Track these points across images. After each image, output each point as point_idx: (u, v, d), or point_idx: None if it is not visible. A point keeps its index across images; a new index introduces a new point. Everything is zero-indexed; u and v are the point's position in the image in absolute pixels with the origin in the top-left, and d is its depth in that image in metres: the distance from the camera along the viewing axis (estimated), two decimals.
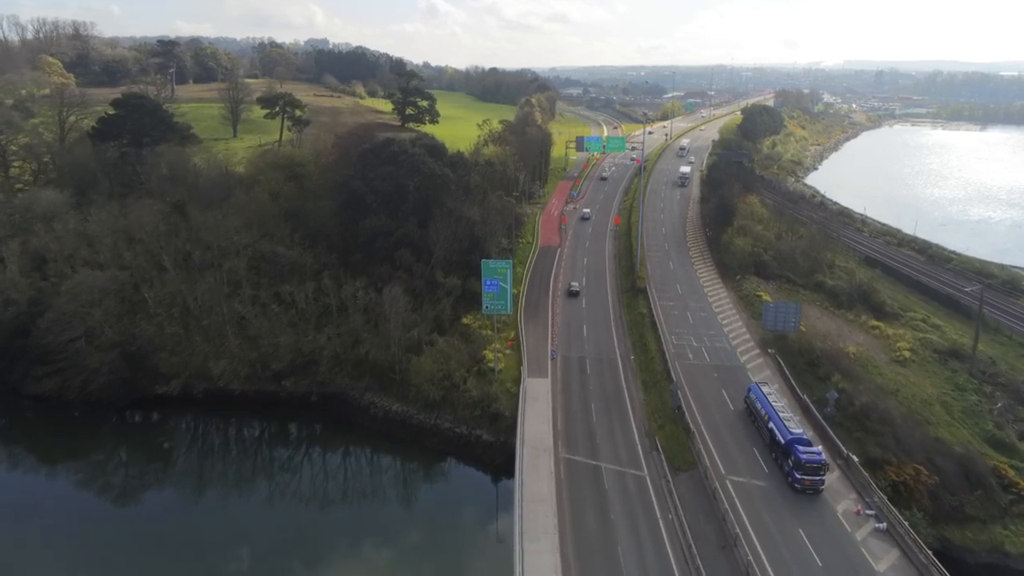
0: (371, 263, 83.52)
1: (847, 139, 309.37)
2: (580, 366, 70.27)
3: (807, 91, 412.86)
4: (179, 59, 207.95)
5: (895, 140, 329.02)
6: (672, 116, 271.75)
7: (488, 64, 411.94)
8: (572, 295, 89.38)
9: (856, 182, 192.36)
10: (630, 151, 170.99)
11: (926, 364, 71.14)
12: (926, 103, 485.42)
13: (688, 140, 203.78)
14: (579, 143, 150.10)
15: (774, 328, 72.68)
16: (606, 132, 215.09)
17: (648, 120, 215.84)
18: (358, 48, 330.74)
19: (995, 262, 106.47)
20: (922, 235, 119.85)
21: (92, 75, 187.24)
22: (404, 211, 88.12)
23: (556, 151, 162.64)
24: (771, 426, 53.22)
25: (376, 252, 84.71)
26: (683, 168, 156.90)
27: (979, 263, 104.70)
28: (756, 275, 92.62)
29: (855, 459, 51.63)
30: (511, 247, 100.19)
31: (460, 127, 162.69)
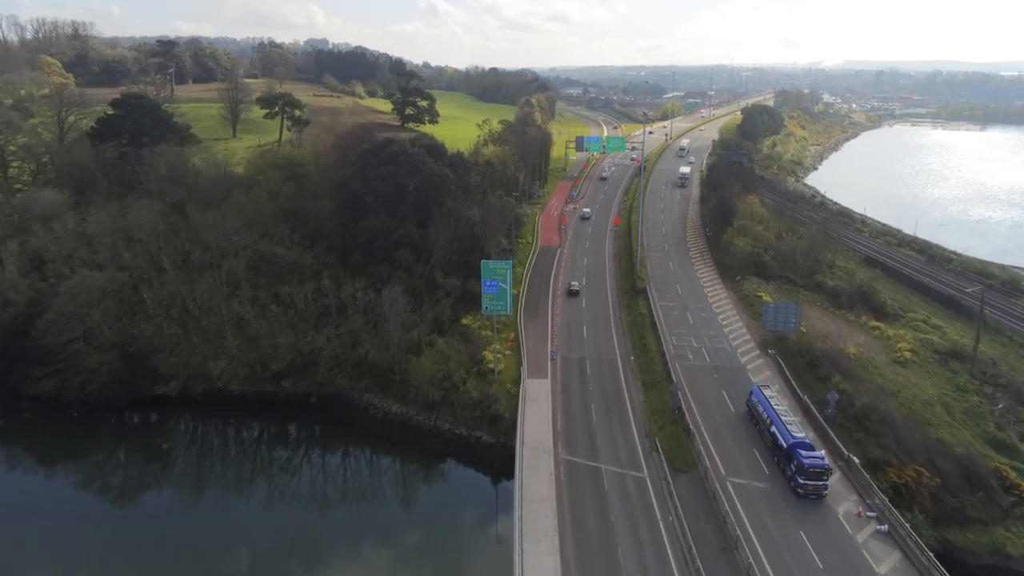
0: (371, 263, 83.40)
1: (847, 139, 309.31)
2: (580, 367, 70.08)
3: (807, 91, 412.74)
4: (178, 59, 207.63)
5: (895, 140, 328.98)
6: (672, 116, 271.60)
7: (488, 64, 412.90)
8: (572, 294, 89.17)
9: (856, 182, 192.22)
10: (630, 151, 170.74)
11: (927, 365, 70.94)
12: (926, 103, 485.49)
13: (688, 140, 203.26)
14: (579, 143, 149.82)
15: (774, 329, 72.48)
16: (606, 132, 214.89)
17: (648, 120, 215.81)
18: (358, 48, 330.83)
19: (996, 262, 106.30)
20: (922, 235, 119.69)
21: (91, 75, 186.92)
22: (404, 211, 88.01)
23: (556, 151, 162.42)
24: (773, 430, 52.79)
25: (376, 252, 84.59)
26: (683, 168, 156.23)
27: (979, 263, 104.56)
28: (756, 275, 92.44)
29: (856, 460, 51.43)
30: (511, 247, 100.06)
31: (460, 127, 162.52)
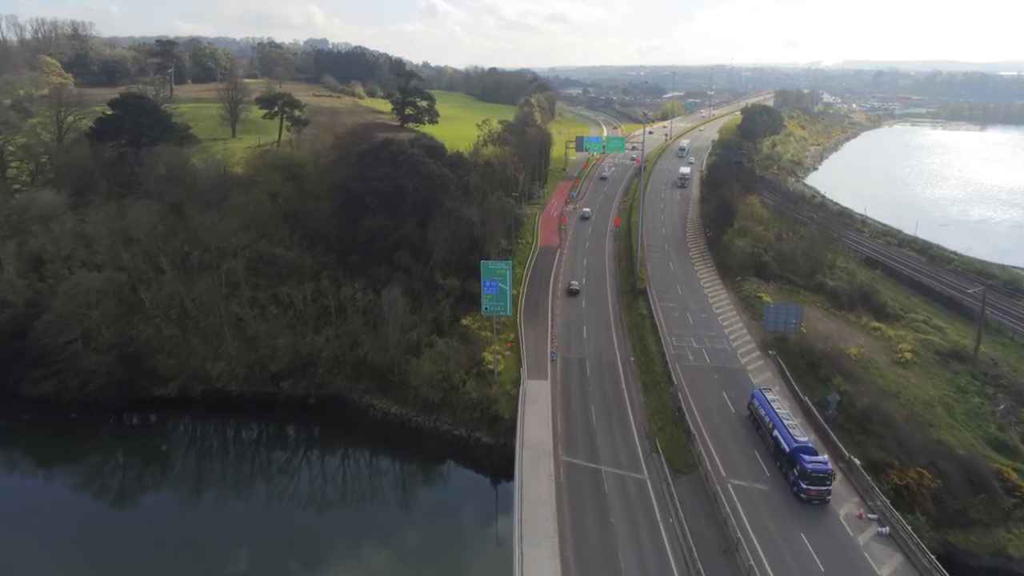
0: (370, 264, 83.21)
1: (847, 139, 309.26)
2: (580, 368, 69.85)
3: (807, 91, 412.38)
4: (178, 59, 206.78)
5: (895, 140, 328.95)
6: (672, 116, 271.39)
7: (487, 64, 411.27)
8: (572, 293, 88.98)
9: (856, 182, 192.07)
10: (630, 151, 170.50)
11: (928, 366, 70.73)
12: (926, 103, 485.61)
13: (688, 140, 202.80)
14: (579, 143, 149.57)
15: (775, 329, 72.28)
16: (606, 132, 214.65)
17: (648, 120, 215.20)
18: (357, 48, 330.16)
19: (996, 263, 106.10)
20: (923, 235, 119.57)
21: (91, 75, 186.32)
22: (403, 212, 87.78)
23: (556, 151, 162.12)
24: (775, 434, 52.15)
25: (375, 253, 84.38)
26: (683, 169, 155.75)
27: (980, 264, 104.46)
28: (756, 276, 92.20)
29: (857, 462, 51.23)
30: (510, 248, 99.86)
31: (459, 127, 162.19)
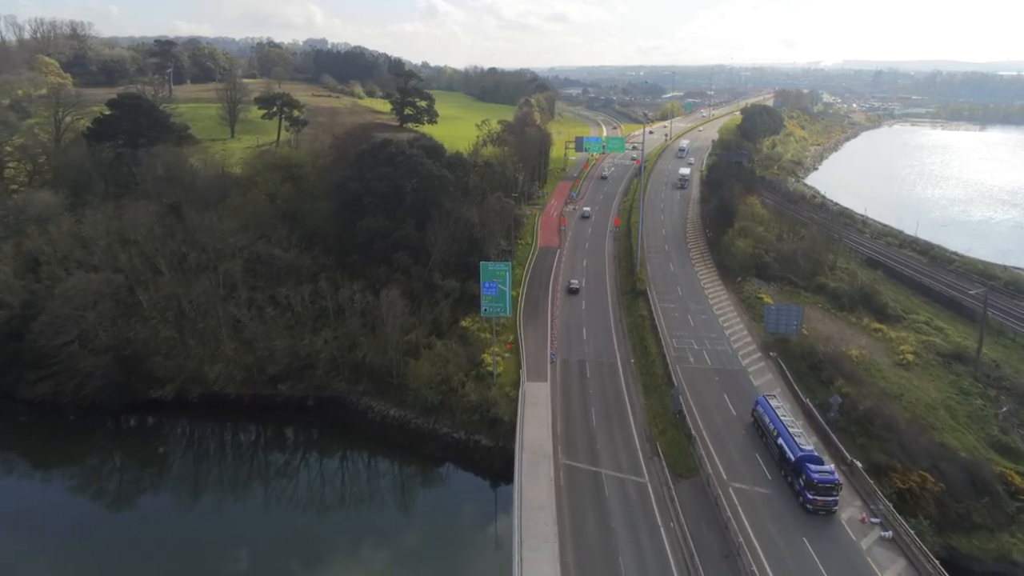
0: (369, 265, 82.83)
1: (847, 139, 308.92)
2: (580, 370, 69.42)
3: (806, 91, 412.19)
4: (177, 59, 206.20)
5: (895, 140, 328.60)
6: (671, 116, 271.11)
7: (487, 64, 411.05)
8: (572, 292, 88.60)
9: (856, 182, 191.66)
10: (630, 151, 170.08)
11: (930, 367, 70.32)
12: (925, 103, 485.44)
13: (688, 141, 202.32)
14: (578, 143, 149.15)
15: (776, 331, 71.88)
16: (605, 132, 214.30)
17: (648, 120, 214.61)
18: (357, 48, 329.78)
19: (998, 263, 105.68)
20: (923, 236, 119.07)
21: (90, 75, 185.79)
22: (402, 212, 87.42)
23: (555, 151, 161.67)
24: (780, 442, 51.16)
25: (374, 254, 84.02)
26: (683, 170, 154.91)
27: (981, 264, 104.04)
28: (757, 277, 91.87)
29: (859, 465, 50.79)
30: (510, 248, 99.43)
31: (459, 127, 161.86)
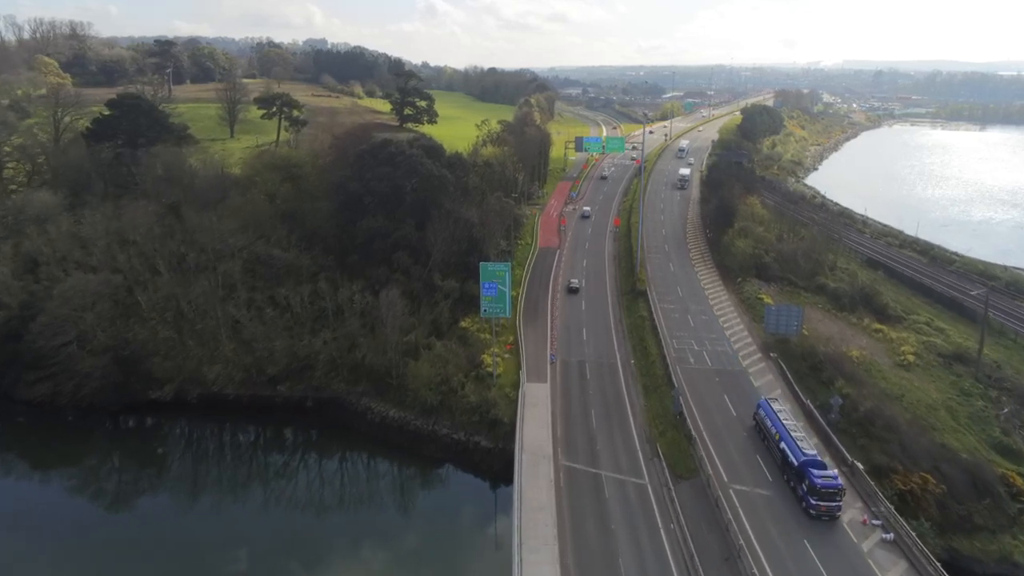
0: (368, 265, 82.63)
1: (847, 139, 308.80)
2: (580, 370, 69.24)
3: (806, 91, 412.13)
4: (176, 59, 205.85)
5: (895, 140, 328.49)
6: (671, 116, 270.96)
7: (487, 64, 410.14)
8: (572, 291, 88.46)
9: (856, 182, 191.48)
10: (630, 151, 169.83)
11: (930, 368, 70.13)
12: (925, 103, 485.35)
13: (687, 141, 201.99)
14: (578, 143, 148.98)
15: (776, 331, 71.72)
16: (605, 132, 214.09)
17: (648, 120, 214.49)
18: (356, 48, 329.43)
19: (998, 264, 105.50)
20: (924, 236, 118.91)
21: (89, 75, 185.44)
22: (401, 213, 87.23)
23: (555, 151, 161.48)
24: (782, 446, 50.70)
25: (373, 254, 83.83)
26: (683, 170, 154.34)
27: (982, 265, 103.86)
28: (757, 277, 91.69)
29: (860, 467, 50.59)
30: (510, 249, 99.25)
31: (459, 127, 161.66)
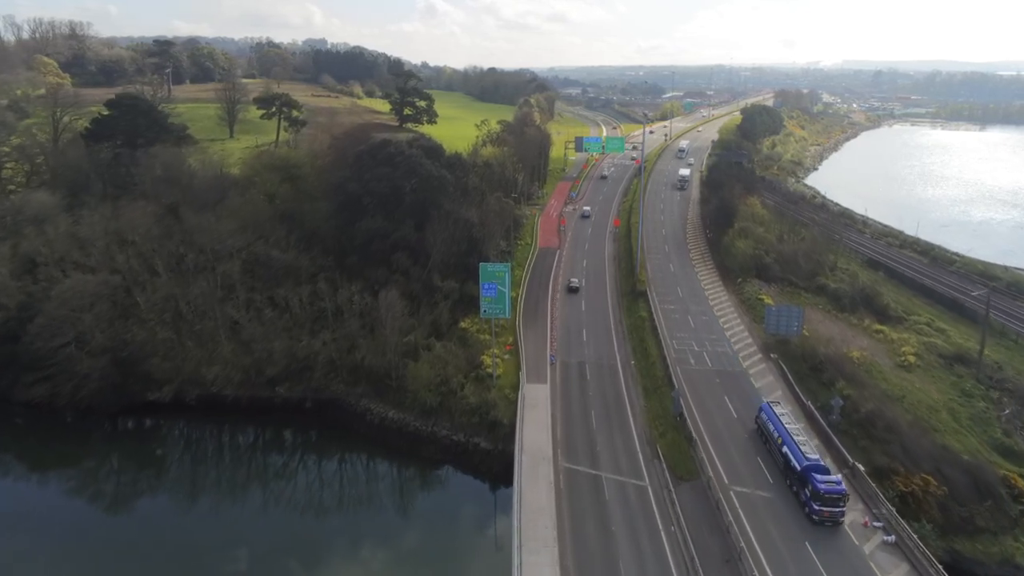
0: (367, 266, 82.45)
1: (847, 139, 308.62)
2: (580, 371, 69.02)
3: (806, 91, 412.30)
4: (175, 59, 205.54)
5: (895, 140, 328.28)
6: (671, 116, 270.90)
7: (486, 64, 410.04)
8: (572, 291, 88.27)
9: (857, 182, 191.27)
10: (630, 151, 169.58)
11: (931, 369, 69.86)
12: (925, 103, 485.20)
13: (687, 141, 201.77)
14: (578, 143, 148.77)
15: (776, 332, 71.51)
16: (605, 132, 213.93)
17: (648, 120, 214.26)
18: (356, 48, 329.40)
19: (999, 264, 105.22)
20: (924, 236, 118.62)
21: (88, 75, 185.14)
22: (401, 213, 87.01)
23: (555, 151, 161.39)
24: (785, 450, 50.23)
25: (372, 255, 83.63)
26: (682, 171, 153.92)
27: (983, 265, 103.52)
28: (757, 278, 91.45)
29: (861, 468, 50.36)
30: (509, 249, 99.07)
31: (458, 127, 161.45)
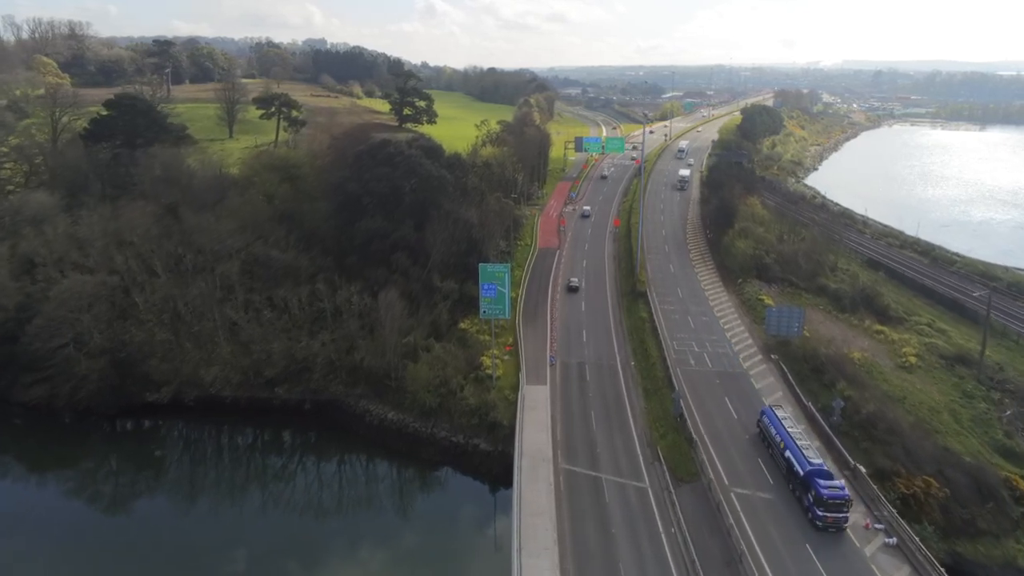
0: (367, 266, 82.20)
1: (847, 139, 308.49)
2: (580, 372, 68.80)
3: (806, 91, 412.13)
4: (175, 59, 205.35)
5: (895, 140, 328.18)
6: (671, 116, 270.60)
7: (486, 64, 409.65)
8: (571, 290, 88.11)
9: (856, 182, 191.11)
10: (630, 151, 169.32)
11: (932, 370, 69.62)
12: (925, 103, 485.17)
13: (687, 141, 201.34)
14: (578, 144, 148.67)
15: (777, 333, 71.29)
16: (605, 132, 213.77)
17: (648, 120, 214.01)
18: (356, 48, 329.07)
19: (999, 264, 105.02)
20: (924, 236, 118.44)
21: (88, 75, 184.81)
22: (400, 213, 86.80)
23: (555, 152, 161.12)
24: (788, 455, 49.54)
25: (372, 255, 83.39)
26: (682, 171, 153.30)
27: (983, 265, 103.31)
28: (758, 278, 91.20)
29: (863, 470, 50.12)
30: (509, 249, 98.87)
31: (458, 127, 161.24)
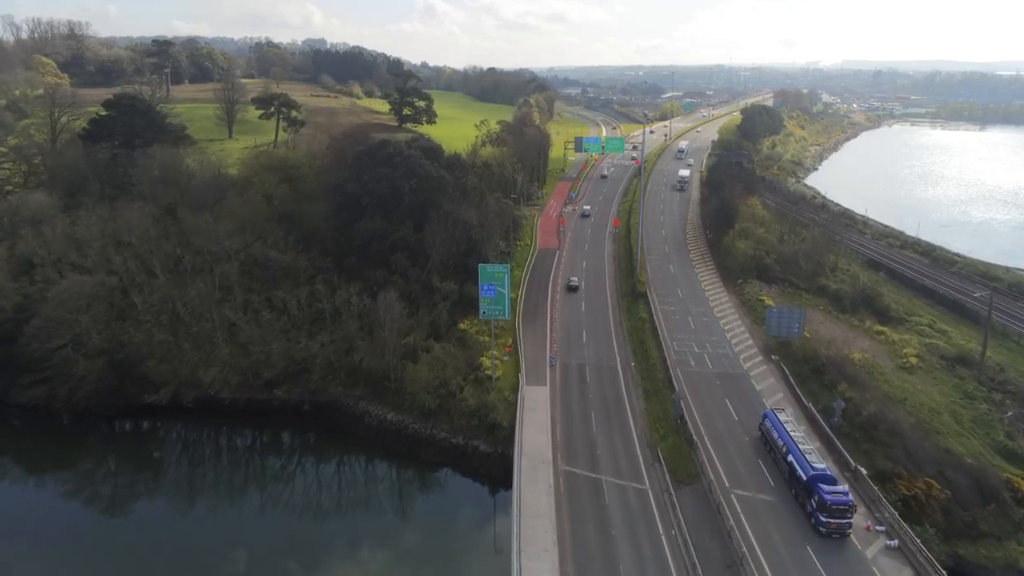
0: (366, 267, 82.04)
1: (847, 139, 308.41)
2: (579, 373, 68.60)
3: (806, 91, 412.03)
4: (174, 59, 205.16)
5: (895, 140, 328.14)
6: (671, 116, 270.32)
7: (486, 64, 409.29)
8: (571, 290, 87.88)
9: (856, 182, 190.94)
10: (630, 151, 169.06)
11: (933, 371, 69.46)
12: (925, 103, 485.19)
13: (687, 142, 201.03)
14: (578, 144, 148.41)
15: (777, 334, 71.09)
16: (604, 132, 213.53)
17: (648, 120, 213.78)
18: (355, 48, 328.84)
19: (1000, 264, 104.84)
20: (925, 237, 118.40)
21: (87, 75, 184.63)
22: (400, 214, 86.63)
23: (555, 152, 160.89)
24: (790, 459, 49.01)
25: (371, 256, 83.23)
26: (682, 172, 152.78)
27: (984, 266, 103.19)
28: (758, 279, 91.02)
29: (864, 472, 49.92)
30: (509, 250, 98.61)
31: (458, 127, 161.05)
